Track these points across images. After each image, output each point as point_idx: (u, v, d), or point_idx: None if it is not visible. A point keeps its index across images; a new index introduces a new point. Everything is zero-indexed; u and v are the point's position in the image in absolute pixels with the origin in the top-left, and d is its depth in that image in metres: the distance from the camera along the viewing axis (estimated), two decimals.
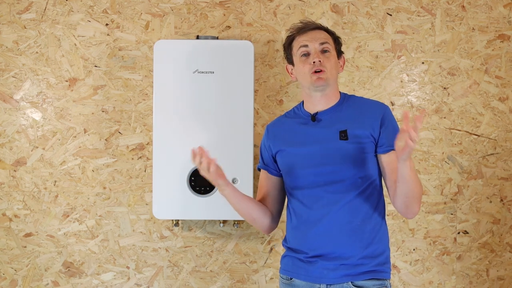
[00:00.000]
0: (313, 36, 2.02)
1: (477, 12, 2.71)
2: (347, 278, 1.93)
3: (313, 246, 1.96)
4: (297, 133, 2.05)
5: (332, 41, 2.05)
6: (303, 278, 1.98)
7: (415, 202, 1.92)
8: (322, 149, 1.97)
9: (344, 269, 1.93)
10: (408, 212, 1.96)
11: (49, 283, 2.70)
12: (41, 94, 2.70)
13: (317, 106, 2.04)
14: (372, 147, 1.98)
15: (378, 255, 1.96)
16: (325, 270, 1.94)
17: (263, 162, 2.15)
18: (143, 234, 2.70)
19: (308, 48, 2.01)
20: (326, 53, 2.01)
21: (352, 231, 1.94)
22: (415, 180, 1.88)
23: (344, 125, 1.98)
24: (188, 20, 2.71)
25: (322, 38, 2.02)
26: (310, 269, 1.96)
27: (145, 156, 2.69)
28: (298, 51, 2.03)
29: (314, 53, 2.00)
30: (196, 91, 2.48)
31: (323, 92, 2.02)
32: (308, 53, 2.01)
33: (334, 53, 2.04)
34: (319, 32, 2.04)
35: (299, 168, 2.00)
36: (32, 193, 2.69)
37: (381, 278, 1.95)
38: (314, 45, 2.01)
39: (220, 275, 2.70)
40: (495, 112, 2.71)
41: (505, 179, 2.71)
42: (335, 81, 2.04)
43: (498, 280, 2.71)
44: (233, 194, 2.03)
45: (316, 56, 1.99)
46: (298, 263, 2.00)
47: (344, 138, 1.97)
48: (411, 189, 1.88)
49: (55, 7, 2.71)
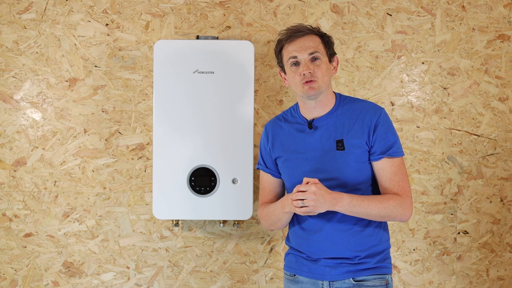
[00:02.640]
0: (301, 45, 1.99)
1: (477, 12, 2.71)
2: (348, 275, 1.97)
3: (315, 251, 2.01)
4: (295, 140, 2.07)
5: (322, 46, 2.02)
6: (306, 275, 2.02)
7: (387, 219, 1.99)
8: (320, 159, 2.00)
9: (345, 266, 1.98)
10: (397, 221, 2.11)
11: (49, 283, 2.70)
12: (41, 94, 2.70)
13: (312, 113, 2.06)
14: (367, 155, 2.00)
15: (378, 253, 2.01)
16: (327, 268, 1.98)
17: (265, 165, 2.16)
18: (143, 234, 2.70)
19: (297, 59, 2.00)
20: (316, 61, 1.99)
21: (352, 236, 1.98)
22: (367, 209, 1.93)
23: (340, 134, 2.00)
24: (188, 20, 2.71)
25: (311, 47, 1.99)
26: (313, 267, 2.01)
27: (145, 156, 2.69)
28: (288, 61, 2.02)
29: (303, 64, 1.98)
30: (196, 91, 2.48)
31: (316, 100, 2.02)
32: (298, 63, 2.00)
33: (325, 58, 2.02)
34: (308, 39, 2.01)
35: (298, 175, 2.02)
36: (32, 193, 2.69)
37: (382, 273, 2.00)
38: (303, 56, 1.99)
39: (220, 275, 2.70)
40: (495, 112, 2.71)
41: (505, 179, 2.71)
42: (328, 86, 2.03)
43: (498, 280, 2.71)
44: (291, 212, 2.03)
45: (306, 68, 1.97)
46: (301, 260, 2.04)
47: (341, 148, 1.99)
48: (373, 216, 1.95)
49: (55, 7, 2.71)
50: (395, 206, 1.95)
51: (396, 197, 1.96)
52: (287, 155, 2.06)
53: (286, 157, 2.07)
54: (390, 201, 1.95)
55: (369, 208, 1.92)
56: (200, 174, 2.48)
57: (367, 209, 1.92)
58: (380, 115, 2.00)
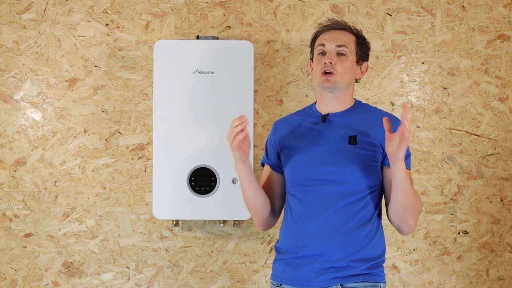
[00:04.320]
0: (333, 36, 1.99)
1: (477, 12, 2.71)
2: (336, 281, 1.88)
3: (304, 243, 1.92)
4: (305, 131, 2.02)
5: (354, 45, 2.00)
6: (291, 283, 1.93)
7: (410, 215, 1.90)
8: (329, 149, 1.95)
9: (332, 272, 1.89)
10: (403, 226, 1.93)
11: (49, 283, 2.70)
12: (41, 94, 2.70)
13: (328, 107, 2.01)
14: (380, 157, 1.95)
15: (370, 260, 1.91)
16: (313, 274, 1.90)
17: (267, 157, 2.12)
18: (143, 234, 2.70)
19: (324, 48, 1.99)
20: (342, 57, 1.98)
21: (345, 233, 1.90)
22: (410, 188, 1.87)
23: (354, 131, 1.96)
24: (188, 20, 2.71)
25: (341, 40, 1.98)
26: (298, 274, 1.92)
27: (145, 156, 2.69)
28: (316, 49, 2.01)
29: (328, 54, 1.98)
30: (196, 91, 2.48)
31: (333, 94, 1.99)
32: (324, 52, 1.99)
33: (353, 57, 1.99)
34: (342, 33, 2.00)
35: (302, 165, 1.97)
36: (32, 193, 2.69)
37: (372, 281, 1.90)
38: (330, 46, 1.98)
39: (220, 275, 2.70)
40: (495, 112, 2.71)
41: (505, 179, 2.71)
42: (348, 86, 2.00)
43: (498, 280, 2.71)
44: (245, 171, 1.98)
45: (328, 58, 1.96)
46: (286, 268, 1.95)
47: (352, 143, 1.94)
48: (406, 197, 1.86)
49: (55, 7, 2.71)
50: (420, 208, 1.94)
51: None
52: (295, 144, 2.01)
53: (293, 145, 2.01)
54: (420, 201, 1.94)
55: (412, 189, 1.88)
56: (200, 174, 2.48)
57: (412, 187, 1.88)
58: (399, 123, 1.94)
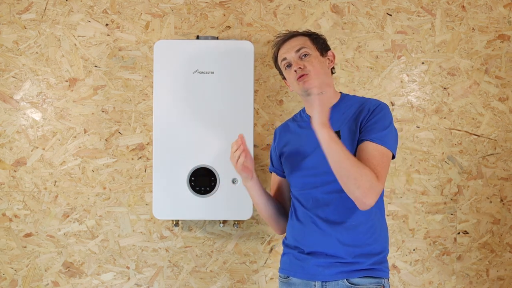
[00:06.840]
0: (289, 47, 2.07)
1: (477, 12, 2.71)
2: (342, 275, 1.93)
3: (309, 243, 1.99)
4: (298, 136, 2.10)
5: (310, 42, 2.07)
6: (299, 275, 2.00)
7: (351, 184, 1.80)
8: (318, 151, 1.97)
9: (339, 266, 1.94)
10: (353, 199, 1.84)
11: (49, 283, 2.70)
12: (41, 94, 2.70)
13: None
14: None
15: (374, 254, 1.96)
16: (320, 268, 1.95)
17: (272, 165, 2.24)
18: (143, 234, 2.70)
19: (287, 60, 2.06)
20: (306, 57, 2.04)
21: (346, 231, 1.95)
22: (339, 154, 1.79)
23: (338, 126, 1.99)
24: (188, 20, 2.71)
25: (297, 45, 2.05)
26: (305, 267, 1.98)
27: (145, 156, 2.69)
28: (282, 64, 2.10)
29: (294, 62, 2.05)
30: (196, 91, 2.48)
31: None
32: (290, 64, 2.07)
33: (316, 53, 2.06)
34: (294, 40, 2.08)
35: (296, 170, 2.05)
36: (32, 193, 2.69)
37: (377, 276, 1.95)
38: (291, 55, 2.05)
39: (220, 275, 2.70)
40: (495, 112, 2.71)
41: (505, 179, 2.71)
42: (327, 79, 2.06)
43: (498, 280, 2.71)
44: (254, 187, 2.10)
45: (296, 65, 2.03)
46: (294, 261, 2.03)
47: None
48: (335, 163, 1.80)
49: (55, 7, 2.71)
50: (367, 176, 1.80)
51: (373, 173, 1.82)
52: (290, 150, 2.10)
53: (288, 153, 2.11)
54: (366, 169, 1.81)
55: (345, 155, 1.79)
56: (200, 174, 2.48)
57: (342, 152, 1.79)
58: (379, 106, 1.97)
